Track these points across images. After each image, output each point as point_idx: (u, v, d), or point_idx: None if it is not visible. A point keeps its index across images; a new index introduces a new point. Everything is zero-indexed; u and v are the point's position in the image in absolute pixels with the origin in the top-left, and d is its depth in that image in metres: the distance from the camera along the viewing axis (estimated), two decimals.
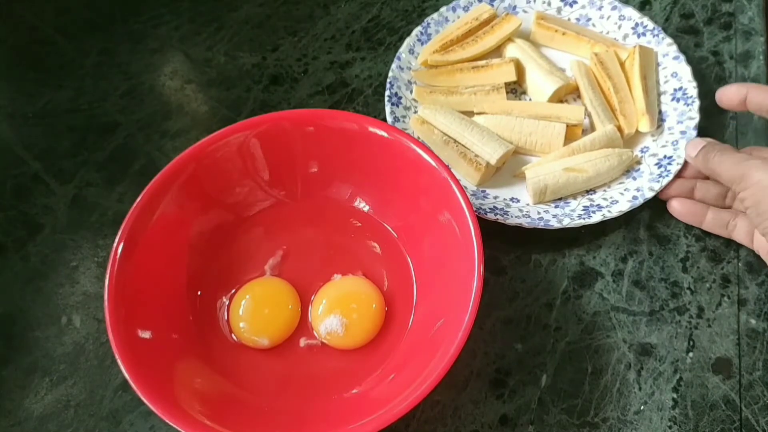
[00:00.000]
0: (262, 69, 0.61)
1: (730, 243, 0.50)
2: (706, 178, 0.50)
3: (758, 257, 0.49)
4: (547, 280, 0.50)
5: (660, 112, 0.54)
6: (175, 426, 0.37)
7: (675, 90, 0.54)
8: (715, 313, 0.48)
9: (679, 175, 0.51)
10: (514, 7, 0.60)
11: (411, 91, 0.56)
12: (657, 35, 0.57)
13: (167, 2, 0.66)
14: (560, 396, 0.46)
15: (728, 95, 0.48)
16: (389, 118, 0.54)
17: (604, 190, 0.52)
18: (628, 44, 0.58)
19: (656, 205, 0.51)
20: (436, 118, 0.53)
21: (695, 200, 0.50)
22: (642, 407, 0.45)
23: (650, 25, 0.57)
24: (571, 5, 0.60)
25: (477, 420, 0.45)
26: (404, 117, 0.55)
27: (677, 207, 0.50)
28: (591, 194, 0.52)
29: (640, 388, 0.46)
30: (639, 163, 0.53)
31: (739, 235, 0.48)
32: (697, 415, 0.45)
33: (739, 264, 0.50)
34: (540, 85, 0.55)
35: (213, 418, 0.39)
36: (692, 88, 0.54)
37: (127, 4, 0.66)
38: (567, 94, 0.57)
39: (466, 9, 0.60)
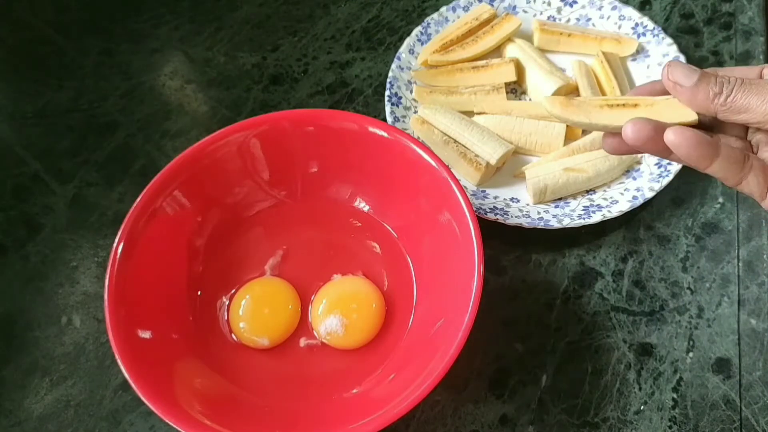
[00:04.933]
0: (262, 69, 0.61)
1: (730, 243, 0.50)
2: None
3: (758, 257, 0.49)
4: (547, 280, 0.50)
5: None
6: (175, 426, 0.37)
7: None
8: (715, 313, 0.48)
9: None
10: (514, 7, 0.61)
11: (411, 91, 0.56)
12: (657, 35, 0.57)
13: (167, 2, 0.66)
14: (560, 396, 0.45)
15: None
16: (389, 118, 0.54)
17: (604, 190, 0.52)
18: None
19: (656, 205, 0.51)
20: (436, 118, 0.53)
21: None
22: (642, 407, 0.45)
23: (650, 25, 0.57)
24: (571, 5, 0.60)
25: (477, 420, 0.45)
26: (404, 117, 0.55)
27: (677, 139, 0.33)
28: (591, 194, 0.52)
29: (640, 388, 0.46)
30: (639, 163, 0.53)
31: (754, 181, 0.35)
32: (697, 415, 0.45)
33: (739, 264, 0.50)
34: (540, 85, 0.55)
35: (213, 418, 0.39)
36: None
37: (127, 4, 0.66)
38: (567, 94, 0.57)
39: (466, 9, 0.60)
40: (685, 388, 0.45)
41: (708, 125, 0.36)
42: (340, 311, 0.45)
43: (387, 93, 0.55)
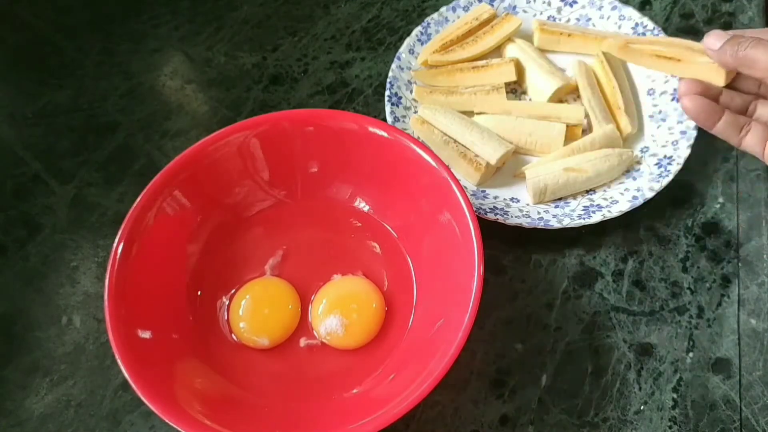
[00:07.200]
0: (262, 69, 0.61)
1: (730, 243, 0.50)
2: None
3: (758, 257, 0.49)
4: (547, 280, 0.50)
5: (659, 111, 0.54)
6: (175, 426, 0.37)
7: (675, 90, 0.54)
8: (715, 313, 0.48)
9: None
10: (514, 7, 0.60)
11: (411, 91, 0.56)
12: (657, 35, 0.57)
13: (167, 2, 0.66)
14: (560, 396, 0.46)
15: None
16: (389, 118, 0.54)
17: (604, 190, 0.52)
18: None
19: (656, 205, 0.51)
20: (436, 118, 0.53)
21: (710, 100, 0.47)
22: (642, 407, 0.45)
23: (650, 25, 0.57)
24: (571, 5, 0.60)
25: (477, 420, 0.45)
26: (404, 117, 0.55)
27: (689, 104, 0.46)
28: (591, 194, 0.52)
29: (640, 388, 0.46)
30: (639, 163, 0.53)
31: (752, 140, 0.46)
32: (697, 415, 0.45)
33: (739, 264, 0.50)
34: (540, 85, 0.55)
35: (213, 418, 0.39)
36: None
37: (127, 4, 0.66)
38: (567, 94, 0.57)
39: (466, 9, 0.60)
40: (685, 388, 0.45)
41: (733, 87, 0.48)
42: (340, 311, 0.45)
43: (387, 93, 0.55)
